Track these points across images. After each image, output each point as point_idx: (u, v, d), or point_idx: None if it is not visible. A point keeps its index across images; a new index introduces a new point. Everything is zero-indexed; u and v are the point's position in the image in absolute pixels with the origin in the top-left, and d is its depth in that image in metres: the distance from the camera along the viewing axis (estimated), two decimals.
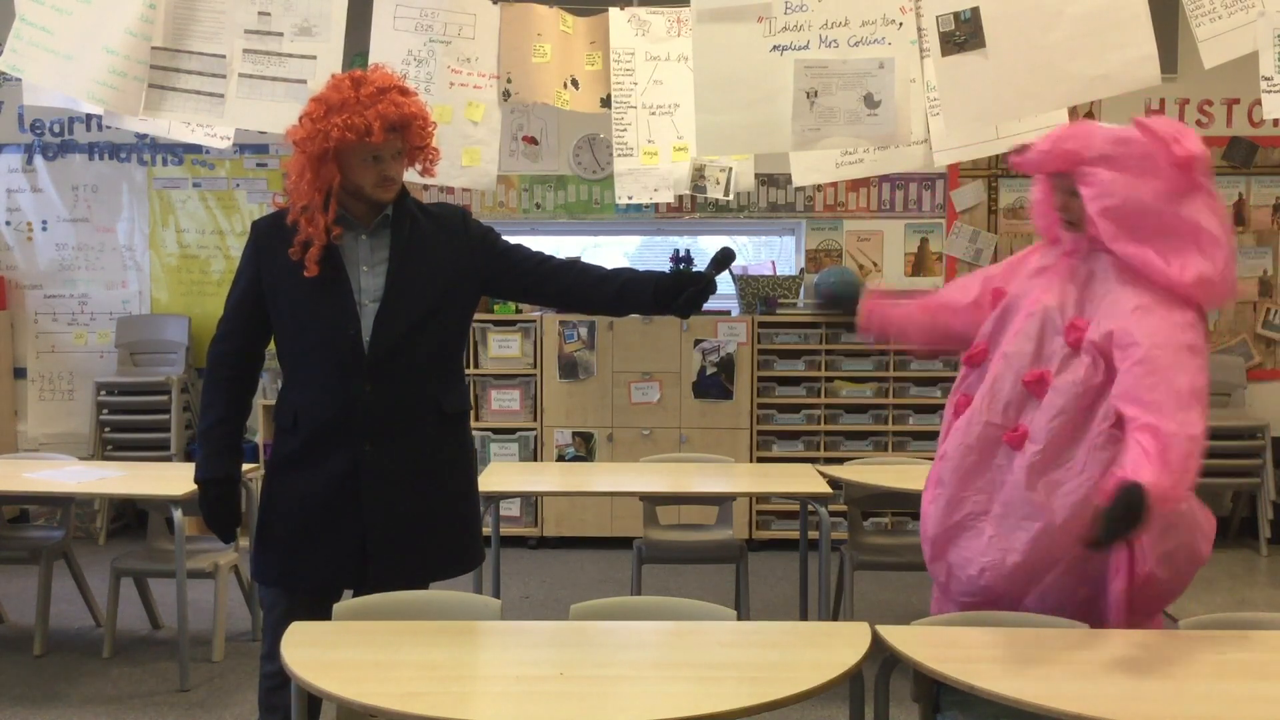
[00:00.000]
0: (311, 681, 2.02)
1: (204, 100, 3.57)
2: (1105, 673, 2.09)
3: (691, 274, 2.62)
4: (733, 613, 2.41)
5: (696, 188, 4.28)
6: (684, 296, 2.58)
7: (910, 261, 6.21)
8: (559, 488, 4.40)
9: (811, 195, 6.17)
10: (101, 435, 5.96)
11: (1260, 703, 2.00)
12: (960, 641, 2.26)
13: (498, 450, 5.81)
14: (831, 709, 3.54)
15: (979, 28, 3.25)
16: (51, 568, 4.24)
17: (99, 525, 5.93)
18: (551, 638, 2.33)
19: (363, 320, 2.56)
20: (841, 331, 5.71)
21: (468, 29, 3.84)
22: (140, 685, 3.89)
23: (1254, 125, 6.04)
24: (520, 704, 1.99)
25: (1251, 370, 6.10)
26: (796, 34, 3.32)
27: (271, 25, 3.59)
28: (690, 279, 2.60)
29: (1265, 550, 5.73)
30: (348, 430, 2.56)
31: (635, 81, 4.10)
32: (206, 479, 2.65)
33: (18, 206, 6.21)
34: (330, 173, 2.50)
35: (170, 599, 3.95)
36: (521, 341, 5.84)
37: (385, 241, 2.61)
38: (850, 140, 3.43)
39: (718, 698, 1.95)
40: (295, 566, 2.62)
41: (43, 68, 3.45)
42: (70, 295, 6.23)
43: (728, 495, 4.41)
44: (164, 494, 3.83)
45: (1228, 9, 3.24)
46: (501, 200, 6.19)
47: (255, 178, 6.19)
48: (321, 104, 2.50)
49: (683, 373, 5.79)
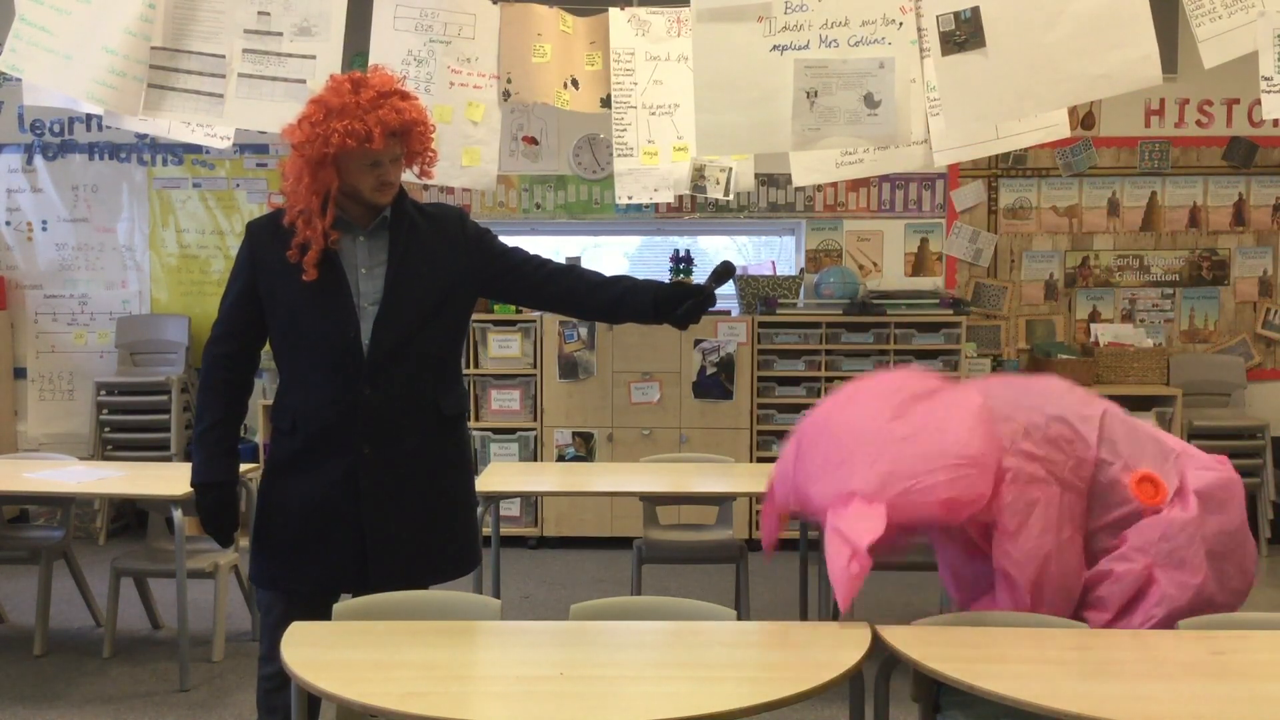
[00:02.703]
0: (311, 681, 2.02)
1: (204, 100, 3.57)
2: (1105, 673, 2.09)
3: (692, 286, 2.62)
4: (733, 613, 2.41)
5: (696, 188, 4.28)
6: (684, 308, 2.58)
7: (910, 261, 6.21)
8: (559, 488, 4.40)
9: (811, 195, 6.17)
10: (101, 435, 5.96)
11: (1260, 703, 2.00)
12: (960, 641, 2.26)
13: (498, 450, 5.81)
14: (831, 709, 3.54)
15: (979, 27, 3.24)
16: (51, 568, 4.24)
17: (99, 525, 5.93)
18: (551, 638, 2.33)
19: (362, 323, 2.55)
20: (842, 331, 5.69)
21: (468, 29, 3.84)
22: (140, 685, 3.89)
23: (1254, 125, 6.04)
24: (520, 704, 1.99)
25: (1251, 370, 6.10)
26: (796, 34, 3.32)
27: (271, 25, 3.59)
28: (690, 290, 2.60)
29: (1265, 550, 5.73)
30: (347, 433, 2.56)
31: (635, 81, 4.09)
32: (203, 483, 2.64)
33: (18, 206, 6.21)
34: (329, 177, 2.50)
35: (170, 599, 3.95)
36: (521, 341, 5.83)
37: (383, 243, 2.60)
38: (850, 140, 3.42)
39: (718, 698, 1.95)
40: (294, 570, 2.62)
41: (42, 67, 3.44)
42: (70, 295, 6.23)
43: (728, 495, 4.41)
44: (164, 494, 3.83)
45: (1227, 9, 3.23)
46: (501, 200, 6.19)
47: (255, 178, 6.19)
48: (321, 107, 2.48)
49: (683, 373, 5.79)
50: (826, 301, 5.93)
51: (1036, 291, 6.20)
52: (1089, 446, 2.54)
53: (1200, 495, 2.51)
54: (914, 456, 2.42)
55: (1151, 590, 2.44)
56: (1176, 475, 2.56)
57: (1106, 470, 2.54)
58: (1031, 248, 6.19)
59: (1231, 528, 2.53)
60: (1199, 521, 2.47)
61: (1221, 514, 2.51)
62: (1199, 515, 2.48)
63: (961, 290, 6.18)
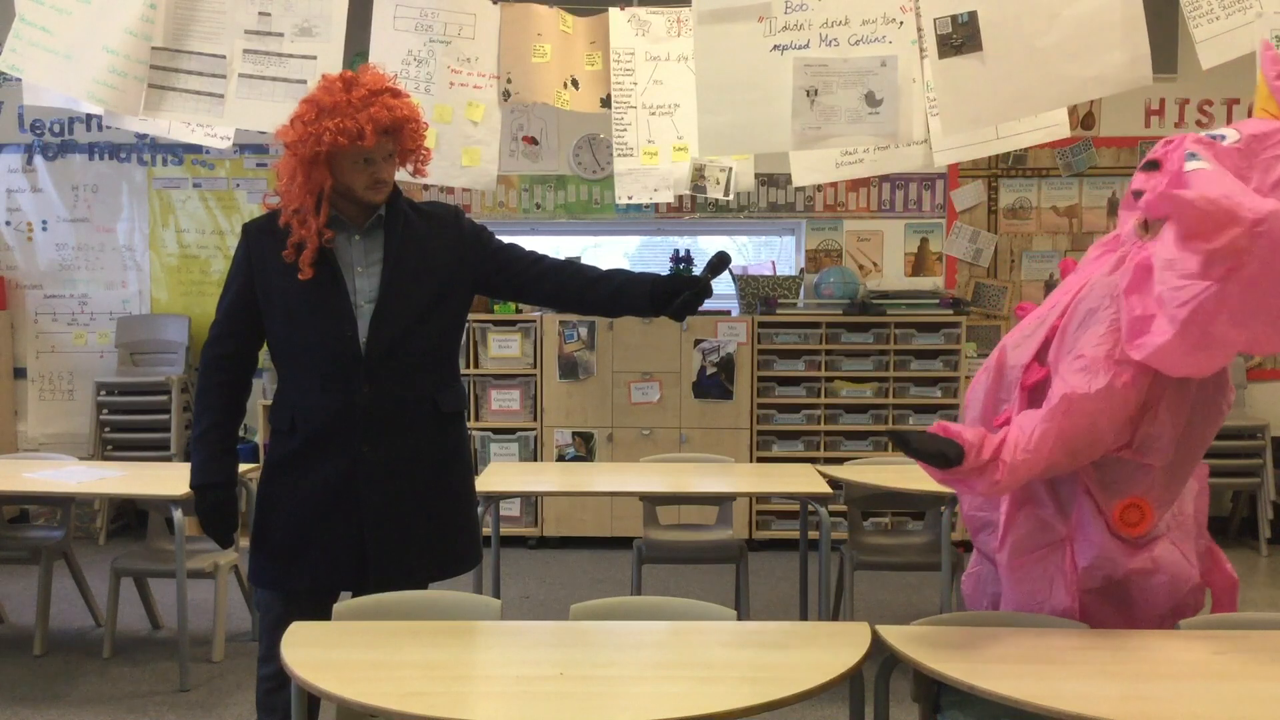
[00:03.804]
0: (311, 681, 2.02)
1: (204, 100, 3.57)
2: (1105, 673, 2.09)
3: (687, 277, 2.62)
4: (733, 613, 2.41)
5: (696, 188, 4.28)
6: (680, 300, 2.58)
7: (910, 261, 6.21)
8: (559, 488, 4.40)
9: (811, 195, 6.17)
10: (101, 435, 5.96)
11: (1260, 703, 2.00)
12: (960, 641, 2.26)
13: (498, 450, 5.81)
14: (831, 709, 3.54)
15: (976, 31, 3.25)
16: (51, 568, 4.24)
17: (99, 525, 5.93)
18: (551, 638, 2.33)
19: (359, 321, 2.56)
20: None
21: (468, 29, 3.84)
22: (140, 685, 3.89)
23: None
24: (520, 704, 1.99)
25: (1251, 370, 6.10)
26: (797, 33, 3.32)
27: (272, 25, 3.59)
28: (686, 282, 2.60)
29: (1265, 550, 5.73)
30: (345, 432, 2.56)
31: (635, 81, 4.10)
32: (203, 484, 2.65)
33: (18, 206, 6.21)
34: (321, 175, 2.50)
35: (170, 599, 3.95)
36: (521, 341, 5.84)
37: (379, 242, 2.61)
38: (851, 139, 3.42)
39: (718, 698, 1.95)
40: (293, 569, 2.62)
41: (43, 68, 3.45)
42: (70, 295, 6.23)
43: (728, 495, 4.41)
44: (164, 494, 3.83)
45: (1226, 10, 3.24)
46: (501, 200, 6.19)
47: (255, 178, 6.19)
48: (312, 106, 2.49)
49: (683, 373, 5.79)
50: (826, 301, 5.93)
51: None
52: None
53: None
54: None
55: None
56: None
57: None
58: (1031, 248, 6.19)
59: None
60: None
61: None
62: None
63: (961, 290, 6.18)
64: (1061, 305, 2.48)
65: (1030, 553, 2.46)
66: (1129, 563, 2.36)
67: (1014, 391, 2.49)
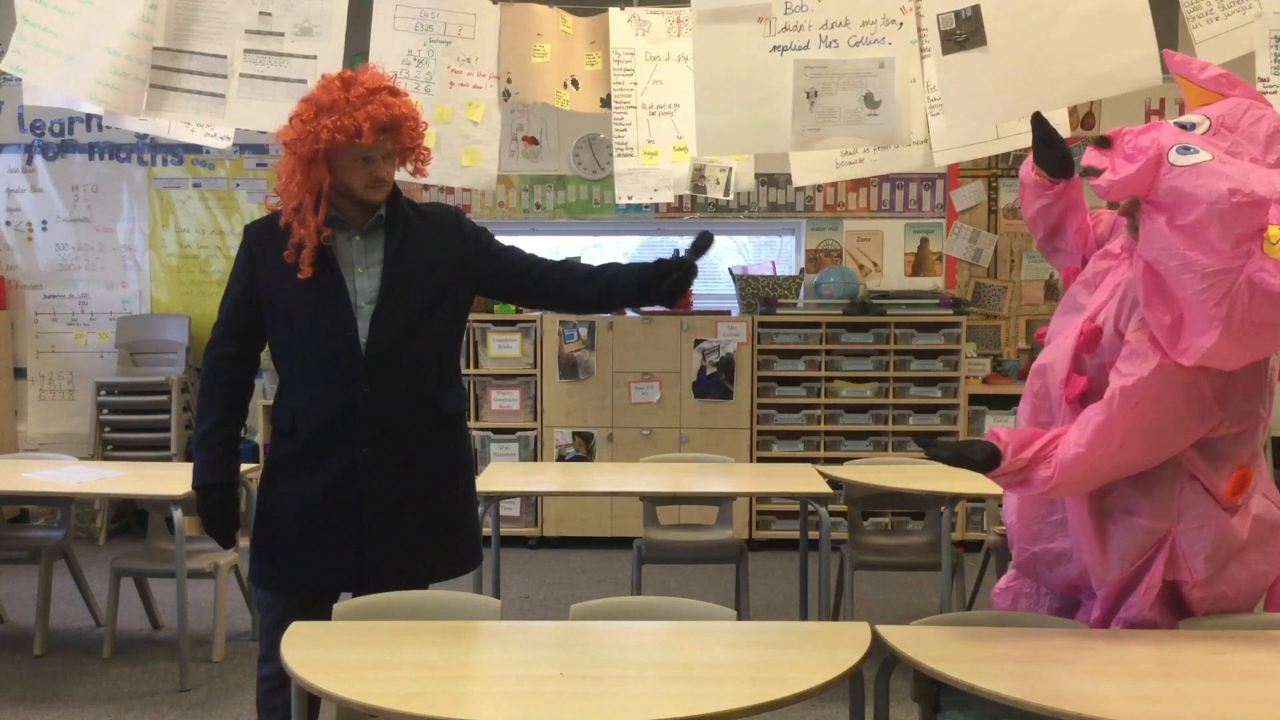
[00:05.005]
0: (311, 681, 2.02)
1: (205, 100, 3.58)
2: (1105, 673, 2.09)
3: (673, 260, 2.63)
4: (733, 613, 2.41)
5: (696, 188, 4.28)
6: (667, 284, 2.59)
7: (910, 262, 6.21)
8: (559, 488, 4.40)
9: (811, 195, 6.17)
10: (101, 435, 5.96)
11: (1260, 703, 2.00)
12: (960, 641, 2.26)
13: (498, 450, 5.81)
14: (831, 709, 3.54)
15: (980, 26, 3.25)
16: (51, 568, 4.24)
17: (99, 525, 5.93)
18: (551, 638, 2.33)
19: (359, 322, 2.56)
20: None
21: (468, 29, 3.85)
22: (140, 685, 3.89)
23: None
24: (520, 704, 1.99)
25: None
26: (796, 34, 3.32)
27: (272, 25, 3.60)
28: (672, 265, 2.61)
29: None
30: (346, 432, 2.56)
31: (635, 81, 4.10)
32: (204, 485, 2.65)
33: (18, 206, 6.21)
34: (320, 174, 2.50)
35: (170, 599, 3.95)
36: (521, 341, 5.84)
37: (379, 242, 2.61)
38: (850, 140, 3.43)
39: (718, 698, 1.95)
40: (293, 569, 2.62)
41: (45, 69, 3.45)
42: (70, 295, 6.23)
43: (728, 495, 4.41)
44: (164, 494, 3.83)
45: (1225, 10, 3.24)
46: (501, 200, 6.19)
47: (255, 178, 6.19)
48: (311, 105, 2.50)
49: (683, 373, 5.79)
50: (826, 301, 5.93)
51: (1036, 291, 6.20)
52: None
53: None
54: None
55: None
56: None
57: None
58: (1031, 248, 6.18)
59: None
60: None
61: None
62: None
63: (961, 290, 6.18)
64: (1091, 309, 2.46)
65: (1134, 561, 2.39)
66: (1242, 534, 2.34)
67: (1059, 409, 2.45)
